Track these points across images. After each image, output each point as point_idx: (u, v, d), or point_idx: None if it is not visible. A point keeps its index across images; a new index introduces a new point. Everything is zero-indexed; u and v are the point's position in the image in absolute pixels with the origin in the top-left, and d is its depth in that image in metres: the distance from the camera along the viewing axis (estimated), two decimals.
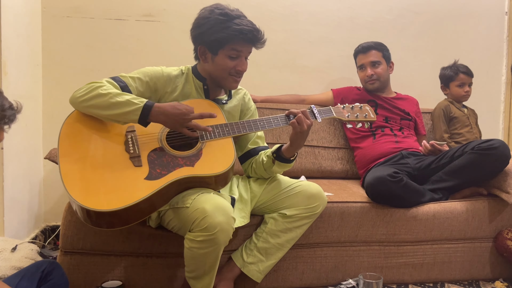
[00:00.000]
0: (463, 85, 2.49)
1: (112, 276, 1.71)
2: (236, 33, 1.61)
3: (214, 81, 1.74)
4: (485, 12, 2.95)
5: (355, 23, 2.79)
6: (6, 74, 1.95)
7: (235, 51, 1.65)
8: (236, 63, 1.67)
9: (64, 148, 1.52)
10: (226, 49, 1.64)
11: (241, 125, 1.66)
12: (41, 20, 2.42)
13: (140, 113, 1.50)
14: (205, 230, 1.40)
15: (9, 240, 1.89)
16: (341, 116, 1.76)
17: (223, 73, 1.69)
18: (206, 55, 1.69)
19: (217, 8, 1.66)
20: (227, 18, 1.63)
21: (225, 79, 1.71)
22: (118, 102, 1.51)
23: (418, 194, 2.00)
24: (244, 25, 1.62)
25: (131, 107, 1.50)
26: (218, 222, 1.40)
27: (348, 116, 1.77)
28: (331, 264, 1.93)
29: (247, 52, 1.70)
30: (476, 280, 2.07)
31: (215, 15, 1.63)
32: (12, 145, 2.03)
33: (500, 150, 1.95)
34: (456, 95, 2.51)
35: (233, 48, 1.64)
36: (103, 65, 2.49)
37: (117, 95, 1.52)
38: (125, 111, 1.50)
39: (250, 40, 1.65)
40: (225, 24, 1.62)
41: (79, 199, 1.41)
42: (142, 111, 1.50)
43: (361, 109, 1.80)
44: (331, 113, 1.75)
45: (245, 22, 1.64)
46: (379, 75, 2.45)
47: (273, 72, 2.69)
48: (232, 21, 1.62)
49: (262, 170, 1.77)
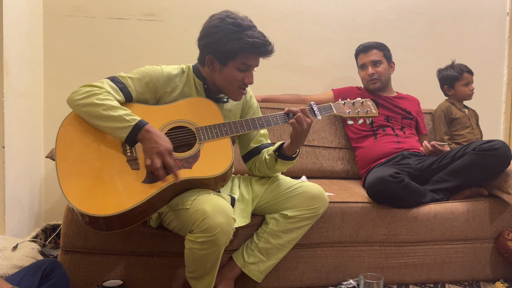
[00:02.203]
0: (468, 83, 2.51)
1: (113, 275, 1.71)
2: (248, 46, 1.56)
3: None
4: (487, 12, 2.95)
5: (356, 23, 2.79)
6: (8, 72, 1.95)
7: (245, 65, 1.61)
8: (244, 75, 1.63)
9: (61, 152, 1.51)
10: (237, 61, 1.60)
11: (239, 125, 1.64)
12: (43, 19, 2.42)
13: (129, 132, 1.47)
14: (206, 231, 1.40)
15: (10, 239, 1.89)
16: (341, 112, 1.74)
17: (230, 85, 1.65)
18: (214, 65, 1.64)
19: (228, 17, 1.59)
20: (239, 29, 1.57)
21: (231, 92, 1.67)
22: (110, 116, 1.48)
23: (419, 195, 2.00)
24: (256, 37, 1.57)
25: (122, 123, 1.48)
26: (218, 223, 1.40)
27: (349, 112, 1.75)
28: (332, 264, 1.93)
29: (256, 65, 1.66)
30: (477, 280, 2.07)
31: (226, 25, 1.57)
32: (13, 144, 2.03)
33: (501, 151, 1.95)
34: (462, 94, 2.51)
35: (244, 62, 1.60)
36: (104, 64, 2.49)
37: (111, 108, 1.49)
38: (115, 127, 1.48)
39: (262, 53, 1.62)
40: (237, 35, 1.56)
41: (77, 203, 1.40)
42: (132, 130, 1.47)
43: (363, 104, 1.78)
44: (332, 110, 1.73)
45: (257, 34, 1.59)
46: (380, 74, 2.45)
47: (275, 71, 2.69)
48: (244, 32, 1.57)
49: (266, 168, 1.76)
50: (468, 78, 2.50)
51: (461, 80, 2.50)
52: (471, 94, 2.52)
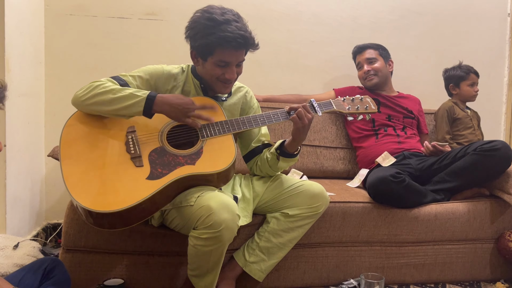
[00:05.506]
0: (473, 84, 2.52)
1: (114, 274, 1.72)
2: (219, 40, 1.55)
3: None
4: (488, 13, 2.95)
5: (357, 23, 2.79)
6: (9, 71, 1.95)
7: (223, 62, 1.61)
8: (224, 71, 1.64)
9: (65, 150, 1.52)
10: (215, 57, 1.61)
11: (241, 122, 1.66)
12: (44, 18, 2.42)
13: (144, 104, 1.51)
14: (210, 227, 1.40)
15: (11, 238, 1.89)
16: (341, 109, 1.75)
17: (211, 78, 1.67)
18: (197, 59, 1.68)
19: (206, 12, 1.60)
20: (213, 23, 1.56)
21: (214, 84, 1.69)
22: (121, 97, 1.52)
23: (420, 195, 2.00)
24: (229, 32, 1.55)
25: (134, 99, 1.51)
26: (223, 220, 1.40)
27: (348, 108, 1.76)
28: (333, 264, 1.93)
29: (236, 60, 1.63)
30: (477, 281, 2.07)
31: (202, 20, 1.59)
32: (14, 143, 2.03)
33: (503, 151, 1.95)
34: (466, 94, 2.53)
35: (220, 58, 1.60)
36: (105, 63, 2.49)
37: (119, 90, 1.53)
38: (129, 104, 1.51)
39: (236, 47, 1.58)
40: (209, 30, 1.57)
41: (81, 200, 1.40)
42: (146, 102, 1.51)
43: (362, 100, 1.78)
44: (332, 106, 1.74)
45: (231, 28, 1.55)
46: (376, 70, 2.47)
47: (276, 71, 2.69)
48: (218, 27, 1.56)
49: (267, 167, 1.77)
50: (474, 79, 2.52)
51: (467, 80, 2.51)
52: (475, 96, 2.53)
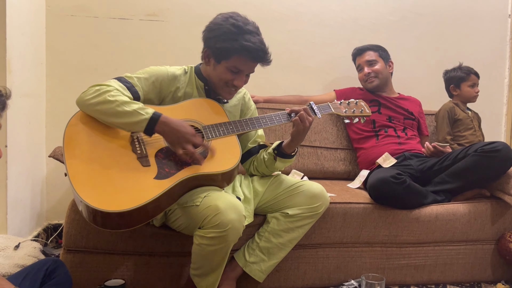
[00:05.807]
0: (474, 85, 2.53)
1: (115, 275, 1.72)
2: (240, 48, 1.59)
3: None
4: (488, 14, 2.95)
5: (358, 24, 2.79)
6: (10, 72, 1.96)
7: (236, 69, 1.64)
8: (234, 77, 1.66)
9: (70, 151, 1.50)
10: (230, 62, 1.63)
11: (244, 123, 1.68)
12: (46, 19, 2.42)
13: (146, 125, 1.49)
14: (217, 226, 1.41)
15: (12, 238, 1.89)
16: (339, 111, 1.83)
17: (220, 81, 1.68)
18: (210, 59, 1.69)
19: (232, 18, 1.63)
20: (238, 30, 1.60)
21: (220, 88, 1.70)
22: (125, 112, 1.49)
23: (420, 196, 2.00)
24: (251, 42, 1.59)
25: (137, 117, 1.49)
26: (230, 220, 1.41)
27: (345, 111, 1.84)
28: (333, 265, 1.93)
29: (248, 70, 1.68)
30: (478, 282, 2.07)
31: (227, 24, 1.61)
32: (16, 143, 2.04)
33: (503, 152, 1.95)
34: (467, 95, 2.53)
35: (235, 65, 1.63)
36: (106, 64, 2.49)
37: (124, 103, 1.50)
38: (131, 121, 1.49)
39: (254, 59, 1.63)
40: (234, 37, 1.59)
41: (90, 200, 1.38)
42: (149, 123, 1.49)
43: (357, 104, 1.87)
44: (330, 109, 1.81)
45: (254, 40, 1.60)
46: (376, 72, 2.47)
47: (276, 72, 2.69)
48: (242, 35, 1.60)
49: (264, 167, 1.78)
50: (475, 80, 2.53)
51: (467, 80, 2.52)
52: (475, 96, 2.54)
